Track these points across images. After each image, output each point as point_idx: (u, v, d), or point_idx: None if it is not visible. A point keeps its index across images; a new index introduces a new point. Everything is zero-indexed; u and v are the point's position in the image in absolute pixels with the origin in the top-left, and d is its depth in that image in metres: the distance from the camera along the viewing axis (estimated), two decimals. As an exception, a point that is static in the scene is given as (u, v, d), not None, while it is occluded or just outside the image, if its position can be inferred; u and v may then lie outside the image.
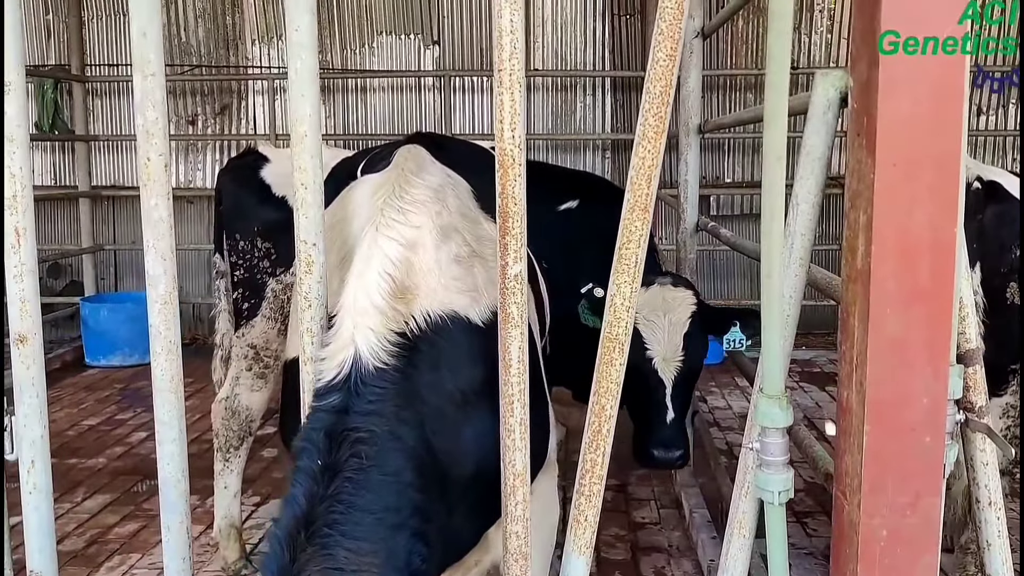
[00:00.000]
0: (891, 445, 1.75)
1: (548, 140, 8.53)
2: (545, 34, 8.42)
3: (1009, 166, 8.63)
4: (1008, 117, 8.64)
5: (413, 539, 1.79)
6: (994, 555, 2.00)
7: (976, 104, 8.67)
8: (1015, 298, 2.96)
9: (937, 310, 1.75)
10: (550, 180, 3.99)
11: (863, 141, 1.75)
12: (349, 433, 1.78)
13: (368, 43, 8.51)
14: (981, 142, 8.69)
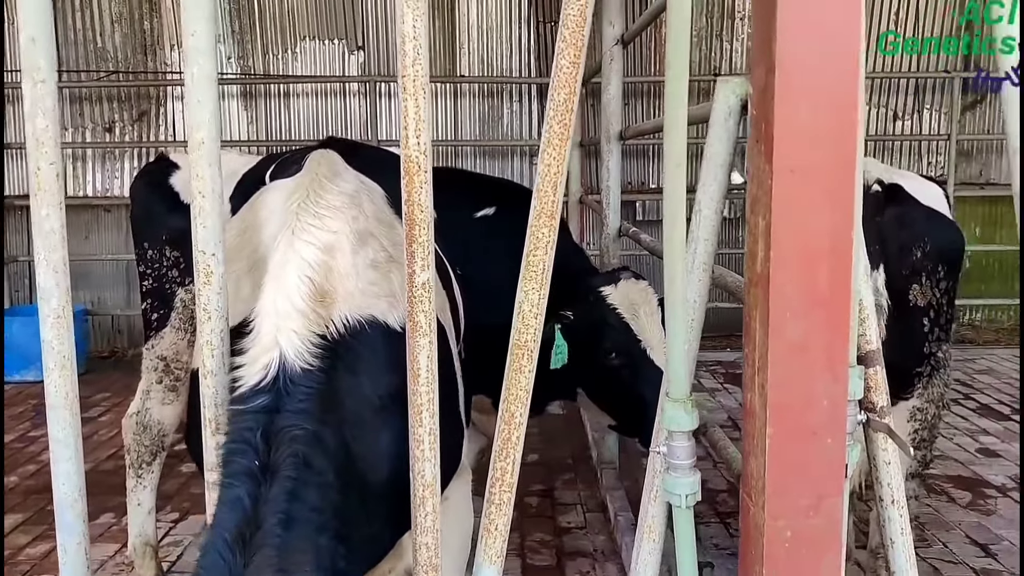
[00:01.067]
0: (793, 447, 1.78)
1: (475, 146, 8.53)
2: (471, 40, 8.42)
3: (924, 170, 8.90)
4: (923, 122, 8.91)
5: (335, 540, 1.78)
6: (898, 552, 2.04)
7: (892, 110, 8.94)
8: (917, 300, 3.02)
9: (836, 313, 1.78)
10: (468, 187, 3.98)
11: (762, 147, 1.78)
12: (285, 432, 1.78)
13: (291, 48, 8.40)
14: (898, 146, 8.96)
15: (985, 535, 4.46)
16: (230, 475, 1.75)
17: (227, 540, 1.67)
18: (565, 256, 3.64)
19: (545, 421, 5.97)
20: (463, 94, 8.49)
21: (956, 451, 5.66)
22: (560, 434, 5.87)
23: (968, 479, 5.20)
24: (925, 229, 3.11)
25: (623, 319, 3.26)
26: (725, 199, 1.99)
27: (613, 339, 3.27)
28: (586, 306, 3.36)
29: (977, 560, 4.19)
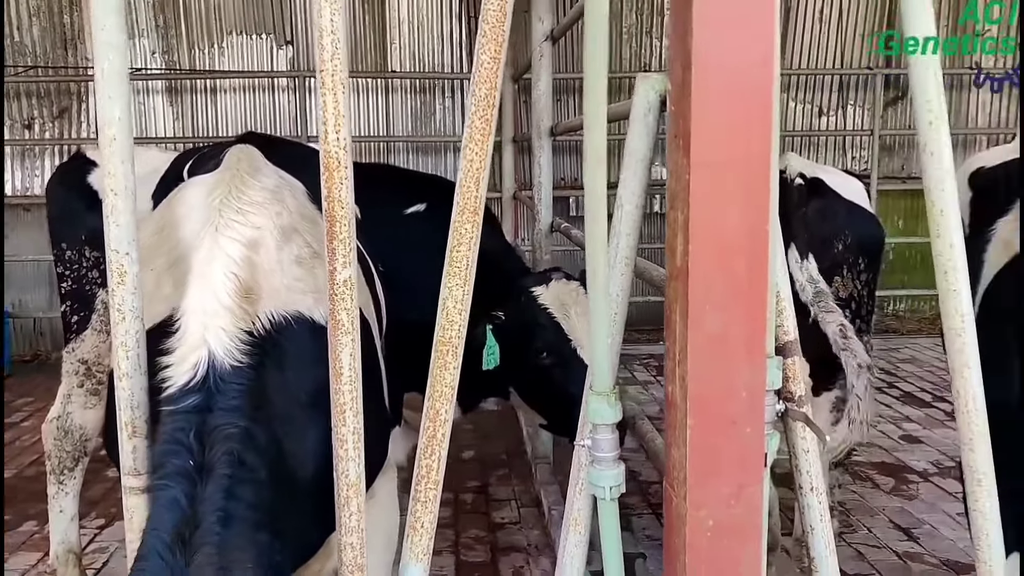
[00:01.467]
0: (714, 437, 1.80)
1: (408, 142, 8.48)
2: (402, 35, 8.37)
3: (848, 164, 9.12)
4: (847, 117, 9.12)
5: (272, 536, 1.78)
6: (817, 538, 2.08)
7: (818, 106, 9.14)
8: (839, 292, 3.09)
9: (753, 305, 1.81)
10: (398, 183, 3.96)
11: (679, 143, 1.80)
12: (219, 430, 1.77)
13: (218, 43, 8.25)
14: (823, 141, 9.16)
15: (908, 519, 4.60)
16: (165, 476, 1.73)
17: (166, 541, 1.65)
18: (497, 256, 3.65)
19: (480, 417, 5.97)
20: (395, 90, 8.44)
21: (880, 438, 5.82)
22: (495, 430, 5.88)
23: (892, 465, 5.35)
24: (846, 222, 3.18)
25: (554, 319, 3.27)
26: (647, 194, 2.00)
27: (544, 339, 3.28)
28: (517, 306, 3.36)
29: (900, 544, 4.31)
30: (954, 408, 2.07)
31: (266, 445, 1.85)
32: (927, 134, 1.99)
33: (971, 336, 2.03)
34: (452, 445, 5.65)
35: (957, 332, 2.03)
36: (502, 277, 3.48)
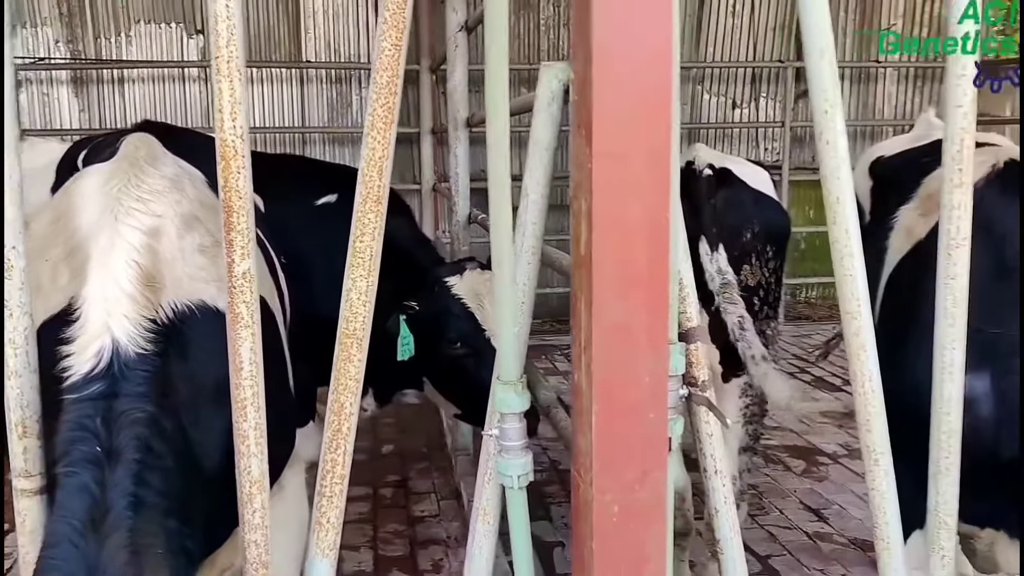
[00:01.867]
0: (618, 424, 1.82)
1: (324, 133, 8.37)
2: (317, 25, 8.24)
3: (761, 156, 9.32)
4: (759, 109, 9.32)
5: (181, 523, 1.78)
6: (722, 521, 2.12)
7: (731, 98, 9.31)
8: (748, 280, 3.15)
9: (655, 293, 1.83)
10: (309, 174, 3.90)
11: (582, 132, 1.80)
12: (125, 415, 1.77)
13: (125, 31, 8.00)
14: (737, 133, 9.34)
15: (817, 500, 4.73)
16: (72, 463, 1.72)
17: (77, 527, 1.65)
18: (411, 247, 3.63)
19: (401, 411, 5.93)
20: (310, 80, 8.31)
21: (792, 422, 5.97)
22: (415, 423, 5.85)
23: (802, 448, 5.50)
24: (754, 211, 3.24)
25: (468, 309, 3.27)
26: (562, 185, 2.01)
27: (458, 329, 3.28)
28: (431, 296, 3.35)
29: (810, 524, 4.43)
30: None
31: (172, 432, 1.85)
32: (823, 123, 2.04)
33: (866, 319, 2.09)
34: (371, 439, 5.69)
35: (853, 315, 2.09)
36: (416, 267, 3.47)
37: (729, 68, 9.14)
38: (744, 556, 2.15)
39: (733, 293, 2.96)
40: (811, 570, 3.96)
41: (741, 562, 2.12)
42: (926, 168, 2.78)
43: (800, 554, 4.11)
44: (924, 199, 2.80)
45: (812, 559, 4.06)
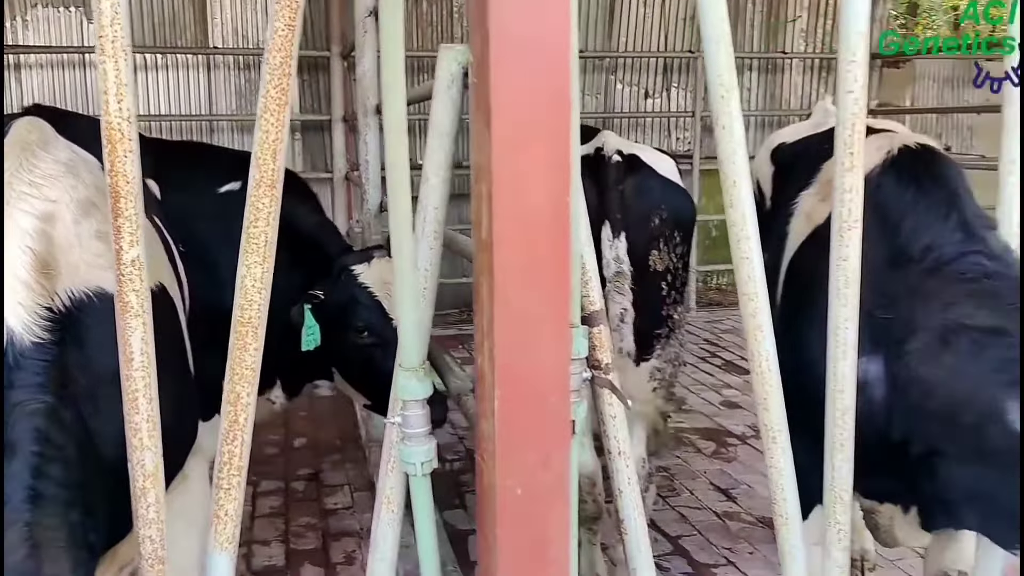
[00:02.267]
0: (520, 407, 1.81)
1: (231, 120, 8.17)
2: (224, 11, 8.03)
3: (673, 145, 9.46)
4: (671, 99, 9.45)
5: (84, 515, 1.74)
6: (626, 501, 2.14)
7: (644, 88, 9.42)
8: (656, 265, 3.18)
9: (557, 277, 1.82)
10: (211, 161, 3.80)
11: (481, 115, 1.79)
12: (22, 406, 1.73)
13: (21, 15, 7.66)
14: (649, 122, 9.46)
15: (727, 480, 4.84)
16: None
17: None
18: (317, 234, 3.57)
19: (314, 403, 5.87)
20: (217, 67, 8.10)
21: (703, 405, 6.10)
22: (328, 415, 5.78)
23: (713, 430, 5.62)
24: (662, 197, 3.27)
25: (375, 297, 3.23)
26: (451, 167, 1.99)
27: (365, 318, 3.23)
28: (337, 285, 3.30)
29: (719, 504, 4.53)
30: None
31: (72, 423, 1.80)
32: (719, 108, 2.07)
33: (763, 301, 2.14)
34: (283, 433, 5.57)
35: (750, 297, 2.13)
36: (322, 255, 3.41)
37: (641, 58, 9.24)
38: (648, 536, 2.17)
39: (624, 284, 2.99)
40: (720, 549, 4.05)
41: (645, 542, 2.14)
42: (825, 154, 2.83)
43: (709, 533, 4.19)
44: (823, 184, 2.87)
45: (721, 538, 4.15)
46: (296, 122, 8.32)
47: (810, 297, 2.54)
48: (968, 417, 2.07)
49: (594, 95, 9.15)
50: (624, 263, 3.06)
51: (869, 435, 2.15)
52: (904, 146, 2.60)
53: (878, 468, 2.30)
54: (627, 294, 2.99)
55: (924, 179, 2.47)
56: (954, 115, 10.22)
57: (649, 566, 2.14)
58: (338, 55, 7.58)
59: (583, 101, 8.89)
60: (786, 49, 9.56)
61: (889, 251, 2.41)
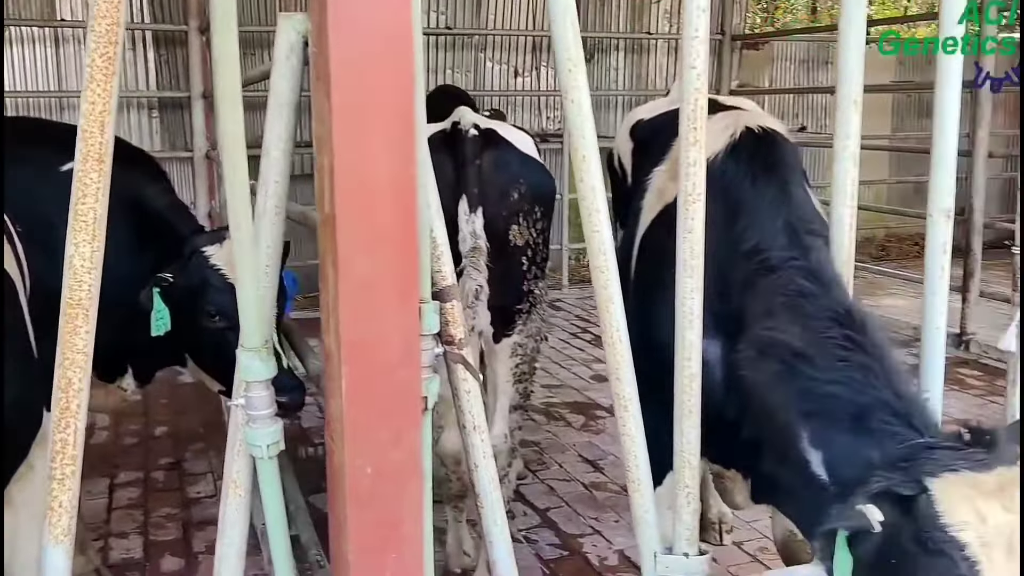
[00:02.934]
0: (369, 385, 1.78)
1: (84, 98, 7.74)
2: (71, -19, 7.60)
3: (544, 124, 9.53)
4: (541, 78, 9.50)
5: None
6: (481, 475, 2.15)
7: (514, 66, 9.44)
8: (516, 240, 3.18)
9: (403, 250, 1.80)
10: (52, 138, 3.58)
11: (321, 85, 1.74)
12: None
13: None
14: (520, 101, 9.49)
15: (595, 452, 4.93)
16: None
17: None
18: (167, 214, 3.42)
19: (176, 390, 5.67)
20: (66, 41, 7.66)
21: (573, 379, 6.19)
22: (191, 403, 5.58)
23: (582, 403, 5.71)
24: (520, 172, 3.26)
25: (227, 280, 3.10)
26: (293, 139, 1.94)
27: (216, 302, 3.10)
28: (188, 267, 3.16)
29: (587, 475, 4.62)
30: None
31: None
32: (567, 81, 2.07)
33: (614, 273, 2.17)
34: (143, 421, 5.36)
35: (601, 269, 2.16)
36: (172, 236, 3.27)
37: (510, 36, 9.25)
38: (504, 509, 2.18)
39: (480, 260, 2.97)
40: (587, 519, 4.13)
41: (501, 515, 2.15)
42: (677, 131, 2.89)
43: (577, 504, 4.27)
44: (673, 162, 2.93)
45: (588, 508, 4.23)
46: (153, 99, 7.97)
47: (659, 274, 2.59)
48: (772, 432, 2.17)
49: (464, 73, 9.11)
50: (481, 238, 3.03)
51: (711, 408, 2.22)
52: (747, 128, 2.66)
53: (721, 437, 2.36)
54: (483, 271, 2.98)
55: (760, 171, 2.52)
56: (810, 95, 10.64)
57: (505, 539, 2.15)
58: (196, 29, 7.28)
59: (452, 78, 8.84)
60: (651, 30, 9.76)
61: (728, 240, 2.44)
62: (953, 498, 1.71)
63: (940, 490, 1.73)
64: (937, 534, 1.70)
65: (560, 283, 8.95)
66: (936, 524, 1.70)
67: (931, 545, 1.70)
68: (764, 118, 2.82)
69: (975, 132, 6.81)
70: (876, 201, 10.68)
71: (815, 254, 2.29)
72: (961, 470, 1.74)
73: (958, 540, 1.67)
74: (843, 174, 2.25)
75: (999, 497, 1.69)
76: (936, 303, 2.43)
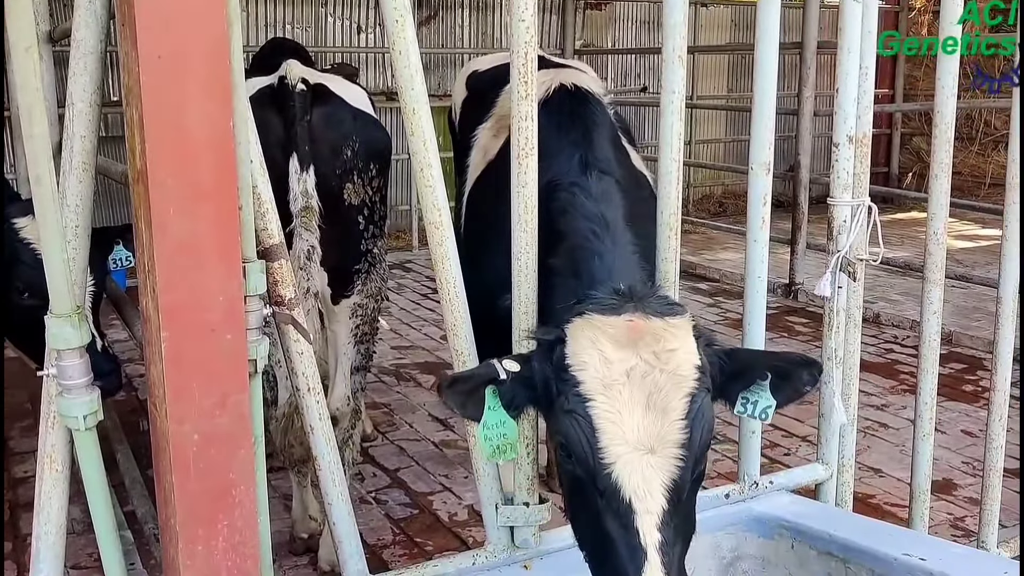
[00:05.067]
0: (191, 349, 1.71)
1: None
2: None
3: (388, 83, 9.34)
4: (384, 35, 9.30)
5: None
6: (317, 437, 2.10)
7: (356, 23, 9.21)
8: (351, 199, 3.10)
9: (223, 208, 1.73)
10: None
11: (127, 32, 1.64)
12: None
13: None
14: (363, 58, 9.27)
15: (445, 411, 4.93)
16: None
17: None
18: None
19: (0, 364, 5.29)
20: None
21: (424, 340, 6.18)
22: (18, 377, 5.22)
23: (432, 364, 5.71)
24: (353, 128, 3.16)
25: (38, 255, 2.88)
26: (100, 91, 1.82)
27: (25, 278, 2.89)
28: None
29: (437, 434, 4.63)
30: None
31: None
32: (395, 32, 2.03)
33: (448, 229, 2.15)
34: (-46, 401, 4.83)
35: (436, 225, 2.14)
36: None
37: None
38: (342, 469, 2.15)
39: (312, 220, 2.88)
40: (437, 477, 4.15)
41: (339, 475, 2.12)
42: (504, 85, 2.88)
43: (426, 463, 4.28)
44: (497, 118, 2.93)
45: (438, 466, 4.25)
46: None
47: (484, 229, 2.59)
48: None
49: (304, 28, 8.83)
50: (312, 197, 2.93)
51: None
52: (561, 84, 2.69)
53: None
54: (315, 231, 2.89)
55: (567, 120, 2.56)
56: (653, 56, 10.88)
57: (345, 500, 2.13)
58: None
59: (292, 33, 8.55)
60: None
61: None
62: (579, 341, 1.84)
63: (571, 335, 1.87)
64: (562, 375, 1.84)
65: (410, 244, 8.88)
66: (563, 366, 1.84)
67: (557, 387, 1.85)
68: (583, 78, 2.85)
69: (801, 92, 7.15)
70: (713, 159, 11.10)
71: (598, 184, 2.35)
72: (588, 313, 1.88)
73: (575, 379, 1.81)
74: (668, 128, 2.31)
75: (623, 338, 1.82)
76: (757, 251, 2.55)
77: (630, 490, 1.72)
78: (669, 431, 1.75)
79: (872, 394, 5.09)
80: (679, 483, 1.75)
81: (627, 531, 1.72)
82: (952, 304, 6.23)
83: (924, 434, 2.94)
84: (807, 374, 2.00)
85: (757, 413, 2.02)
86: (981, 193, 10.24)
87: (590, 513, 1.80)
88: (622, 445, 1.74)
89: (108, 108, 2.55)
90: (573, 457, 1.80)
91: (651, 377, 1.78)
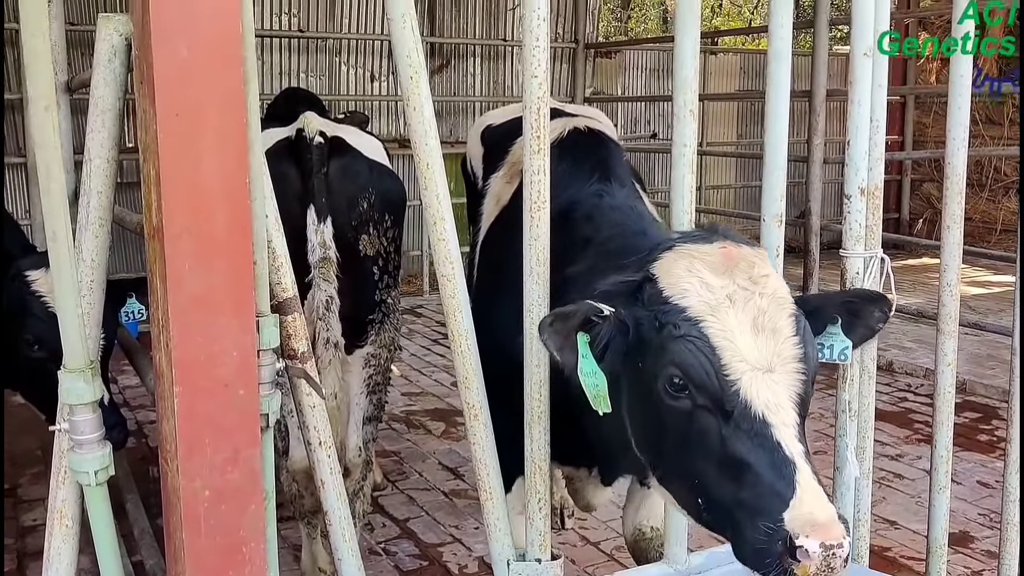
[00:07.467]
0: (204, 404, 1.71)
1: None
2: None
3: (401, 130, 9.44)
4: (397, 83, 9.41)
5: None
6: (328, 492, 2.09)
7: (370, 71, 9.33)
8: (367, 250, 3.12)
9: (238, 262, 1.74)
10: None
11: (145, 90, 1.66)
12: None
13: None
14: (376, 106, 9.38)
15: (455, 459, 4.91)
16: None
17: None
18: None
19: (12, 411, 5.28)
20: None
21: (434, 386, 6.16)
22: (28, 424, 5.22)
23: (443, 410, 5.69)
24: (370, 180, 3.20)
25: (48, 308, 2.88)
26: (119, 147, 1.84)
27: (36, 331, 2.90)
28: (9, 291, 2.94)
29: (447, 483, 4.59)
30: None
31: None
32: (409, 88, 2.06)
33: (460, 281, 2.16)
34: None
35: (448, 278, 2.14)
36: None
37: (365, 40, 9.15)
38: (352, 523, 2.13)
39: (330, 270, 2.90)
40: (447, 527, 4.10)
41: (350, 530, 2.11)
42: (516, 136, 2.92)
43: (437, 513, 4.24)
44: (509, 166, 2.95)
45: (448, 516, 4.21)
46: (-20, 101, 7.47)
47: (497, 280, 2.59)
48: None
49: (318, 76, 8.95)
50: (331, 248, 2.95)
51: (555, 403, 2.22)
52: (575, 128, 2.73)
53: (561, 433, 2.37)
54: (333, 281, 2.90)
55: (582, 156, 2.62)
56: (662, 103, 10.97)
57: (355, 555, 2.10)
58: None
59: (306, 82, 8.67)
60: (507, 36, 9.84)
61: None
62: (673, 272, 1.83)
63: (661, 271, 1.85)
64: (661, 308, 1.80)
65: (421, 289, 8.90)
66: (660, 300, 1.81)
67: (659, 319, 1.79)
68: (597, 124, 2.88)
69: (811, 140, 7.19)
70: (723, 205, 11.13)
71: (622, 190, 2.38)
72: (679, 244, 1.88)
73: (679, 306, 1.77)
74: (680, 181, 2.31)
75: (719, 264, 1.81)
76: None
77: (762, 405, 1.68)
78: (784, 348, 1.74)
79: (887, 444, 5.03)
80: (804, 399, 1.73)
81: (766, 448, 1.66)
82: (966, 352, 6.19)
83: (940, 487, 2.90)
84: (878, 310, 2.02)
85: (836, 356, 2.03)
86: (992, 239, 10.23)
87: (714, 445, 1.72)
88: (743, 363, 1.71)
89: (123, 155, 2.59)
90: (692, 384, 1.73)
91: (753, 301, 1.77)
